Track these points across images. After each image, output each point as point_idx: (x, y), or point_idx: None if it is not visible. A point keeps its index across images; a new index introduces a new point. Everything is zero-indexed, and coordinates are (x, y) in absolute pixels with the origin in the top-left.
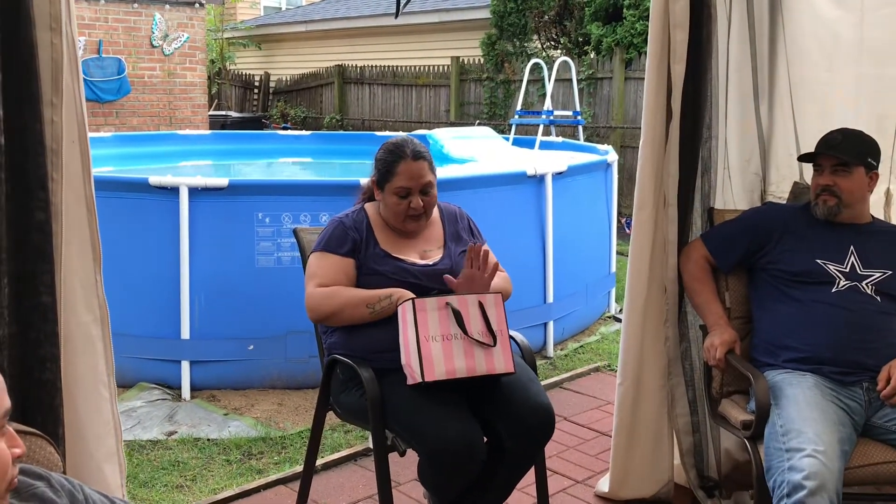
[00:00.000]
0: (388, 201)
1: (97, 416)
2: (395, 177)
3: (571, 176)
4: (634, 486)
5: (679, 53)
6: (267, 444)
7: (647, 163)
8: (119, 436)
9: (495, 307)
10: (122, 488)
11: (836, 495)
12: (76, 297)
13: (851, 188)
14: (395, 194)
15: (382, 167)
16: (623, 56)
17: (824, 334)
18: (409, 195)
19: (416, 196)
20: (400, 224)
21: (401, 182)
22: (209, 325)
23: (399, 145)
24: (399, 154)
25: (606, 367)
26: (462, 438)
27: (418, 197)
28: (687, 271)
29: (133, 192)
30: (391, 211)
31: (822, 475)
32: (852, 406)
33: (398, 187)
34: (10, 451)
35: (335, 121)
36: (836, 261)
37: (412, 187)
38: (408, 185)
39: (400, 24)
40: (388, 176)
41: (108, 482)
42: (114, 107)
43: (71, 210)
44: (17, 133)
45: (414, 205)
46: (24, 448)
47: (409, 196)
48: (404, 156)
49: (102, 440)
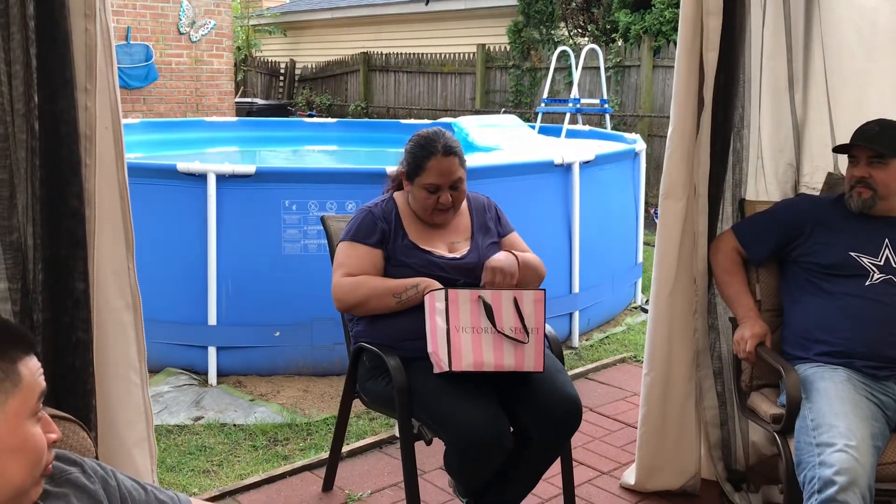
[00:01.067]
0: (416, 195)
1: (128, 401)
2: (425, 172)
3: (599, 165)
4: (661, 479)
5: (712, 41)
6: (292, 431)
7: (677, 152)
8: (150, 421)
9: (534, 304)
10: (152, 473)
11: (868, 491)
12: (108, 284)
13: (887, 181)
14: (424, 189)
15: (412, 161)
16: (651, 44)
17: (857, 328)
18: (439, 191)
19: (445, 192)
20: (428, 217)
21: (430, 178)
22: (236, 311)
23: (431, 140)
24: (430, 150)
25: (633, 357)
26: (489, 427)
27: (447, 193)
28: (717, 263)
29: (161, 178)
30: (419, 205)
31: (854, 471)
32: (885, 401)
33: (427, 183)
34: (47, 437)
35: (360, 108)
36: (871, 254)
37: (441, 184)
38: (437, 181)
39: (426, 11)
40: (417, 171)
41: (138, 467)
42: (141, 93)
43: (104, 197)
44: (52, 119)
45: (443, 200)
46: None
47: (439, 192)
48: (435, 151)
49: (133, 425)
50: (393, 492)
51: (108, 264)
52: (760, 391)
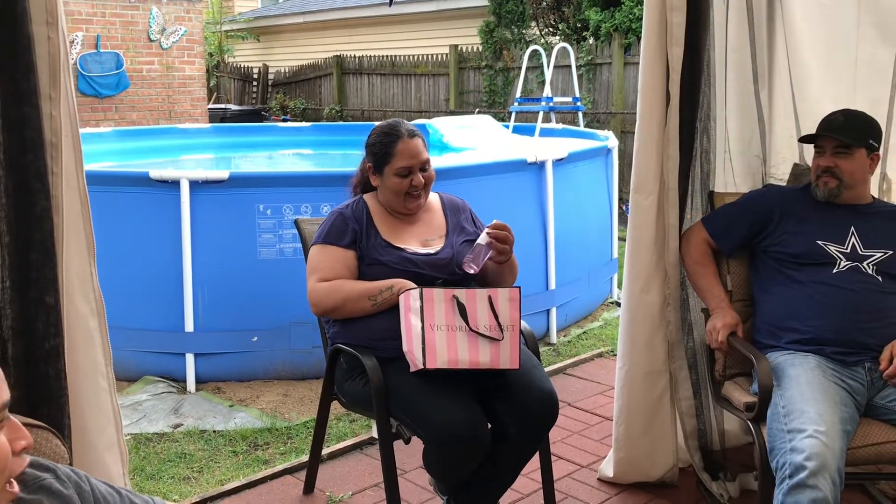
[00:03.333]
0: (388, 183)
1: (97, 406)
2: (395, 157)
3: (572, 162)
4: (639, 471)
5: (676, 36)
6: (273, 435)
7: (645, 147)
8: (119, 426)
9: (509, 302)
10: (124, 477)
11: (837, 474)
12: (74, 290)
13: (853, 170)
14: (396, 174)
15: (380, 150)
16: (622, 41)
17: (826, 315)
18: (411, 174)
19: (416, 174)
20: (401, 205)
21: (402, 162)
22: (213, 317)
23: (393, 126)
24: (395, 134)
25: (609, 352)
26: (466, 424)
27: (419, 174)
28: (688, 255)
29: (134, 185)
30: (392, 192)
31: (823, 455)
32: (854, 386)
33: (399, 167)
34: (15, 444)
35: (334, 112)
36: (837, 241)
37: (413, 165)
38: (408, 163)
39: (398, 13)
40: (386, 158)
41: (110, 472)
42: (113, 101)
43: (67, 203)
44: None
45: (416, 182)
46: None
47: (411, 174)
48: (401, 135)
49: (104, 430)
50: (374, 492)
51: (73, 270)
52: (734, 380)
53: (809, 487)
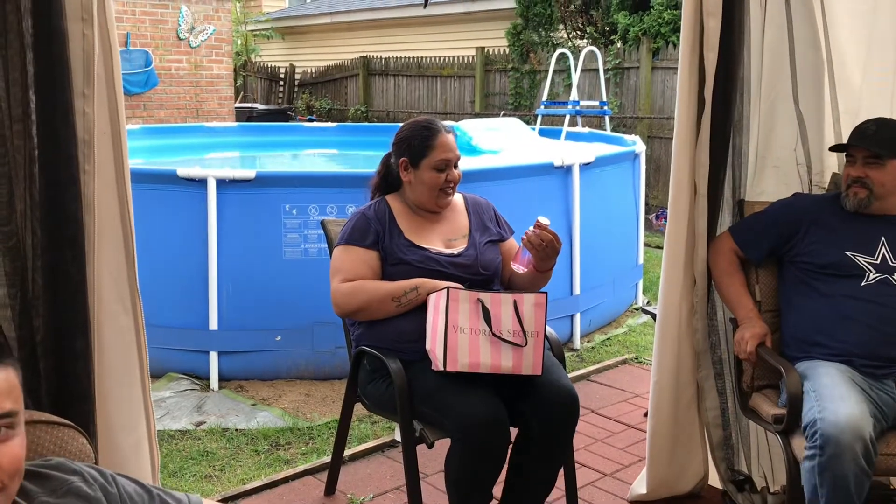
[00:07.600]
0: (425, 177)
1: (129, 406)
2: (434, 150)
3: (599, 167)
4: (672, 485)
5: (712, 41)
6: (294, 435)
7: (680, 153)
8: (152, 427)
9: (534, 308)
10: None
11: (871, 443)
12: (106, 289)
13: (884, 180)
14: (434, 168)
15: (418, 143)
16: (650, 45)
17: (855, 330)
18: (447, 168)
19: (452, 169)
20: (433, 201)
21: (441, 155)
22: (237, 315)
23: (430, 122)
24: (434, 129)
25: (634, 359)
26: (489, 412)
27: (454, 170)
28: (716, 265)
29: (161, 183)
30: (428, 186)
31: (858, 421)
32: (883, 398)
33: (439, 160)
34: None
35: (360, 112)
36: (867, 252)
37: (451, 159)
38: (447, 156)
39: (425, 14)
40: (425, 151)
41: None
42: (141, 99)
43: (103, 202)
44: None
45: (451, 177)
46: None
47: (447, 169)
48: (439, 130)
49: (134, 430)
50: (395, 495)
51: (107, 269)
52: (762, 392)
53: (843, 444)
